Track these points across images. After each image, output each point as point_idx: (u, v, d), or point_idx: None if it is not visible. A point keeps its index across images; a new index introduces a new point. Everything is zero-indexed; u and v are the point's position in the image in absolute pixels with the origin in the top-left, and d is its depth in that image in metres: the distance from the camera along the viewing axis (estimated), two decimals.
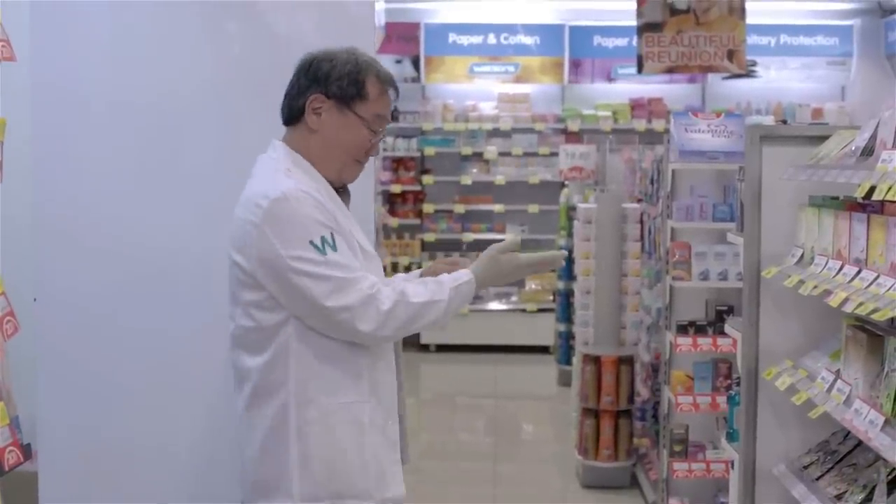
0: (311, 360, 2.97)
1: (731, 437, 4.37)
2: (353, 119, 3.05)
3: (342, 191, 3.12)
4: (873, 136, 3.22)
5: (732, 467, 4.24)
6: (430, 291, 3.01)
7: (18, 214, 3.82)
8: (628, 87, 11.94)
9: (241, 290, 2.99)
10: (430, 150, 11.81)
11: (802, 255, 3.66)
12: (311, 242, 2.89)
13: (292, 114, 3.08)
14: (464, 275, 3.09)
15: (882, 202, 3.09)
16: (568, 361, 9.62)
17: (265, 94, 3.53)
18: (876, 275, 3.05)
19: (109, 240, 3.84)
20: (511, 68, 11.97)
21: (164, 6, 3.85)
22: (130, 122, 3.83)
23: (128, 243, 3.84)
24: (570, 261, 8.27)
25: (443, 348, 11.44)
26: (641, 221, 7.16)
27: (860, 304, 2.96)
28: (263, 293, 2.94)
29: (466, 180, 11.79)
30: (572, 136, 11.68)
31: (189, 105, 3.83)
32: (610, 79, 11.98)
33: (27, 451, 3.44)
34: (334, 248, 2.92)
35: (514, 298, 11.71)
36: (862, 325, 3.29)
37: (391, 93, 3.11)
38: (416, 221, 11.88)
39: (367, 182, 3.94)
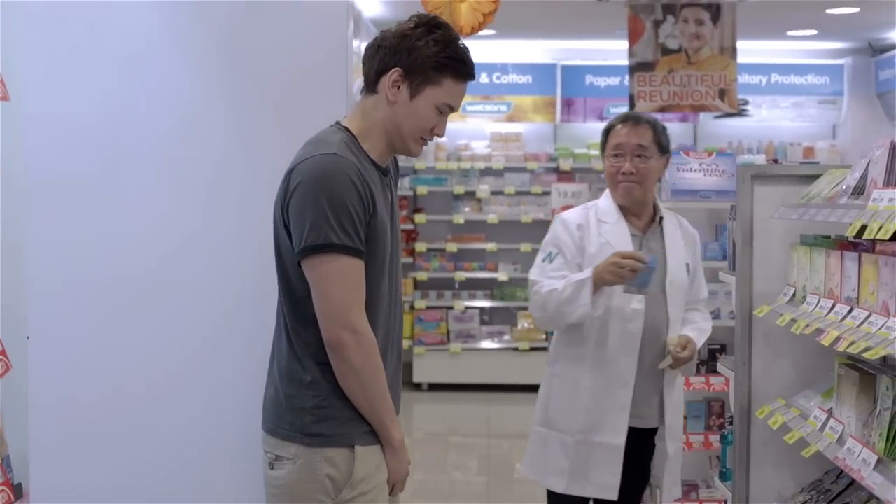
0: None
1: (725, 476, 4.36)
2: None
3: None
4: (864, 175, 3.24)
5: None
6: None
7: (12, 255, 3.82)
8: None
9: None
10: (422, 189, 11.82)
11: (794, 294, 3.67)
12: None
13: None
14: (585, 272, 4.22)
15: (873, 241, 3.10)
16: None
17: (271, 143, 3.55)
18: (867, 313, 3.05)
19: (103, 280, 3.84)
20: (503, 107, 12.00)
21: (165, 36, 3.86)
22: (124, 165, 3.83)
23: (122, 284, 3.84)
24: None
25: (435, 387, 11.40)
26: None
27: (852, 343, 2.97)
28: None
29: (459, 219, 11.78)
30: (564, 175, 11.71)
31: (186, 151, 3.83)
32: (602, 118, 11.98)
33: (18, 491, 3.43)
34: None
35: (506, 337, 11.68)
36: (854, 363, 3.29)
37: None
38: (409, 260, 11.87)
39: None
